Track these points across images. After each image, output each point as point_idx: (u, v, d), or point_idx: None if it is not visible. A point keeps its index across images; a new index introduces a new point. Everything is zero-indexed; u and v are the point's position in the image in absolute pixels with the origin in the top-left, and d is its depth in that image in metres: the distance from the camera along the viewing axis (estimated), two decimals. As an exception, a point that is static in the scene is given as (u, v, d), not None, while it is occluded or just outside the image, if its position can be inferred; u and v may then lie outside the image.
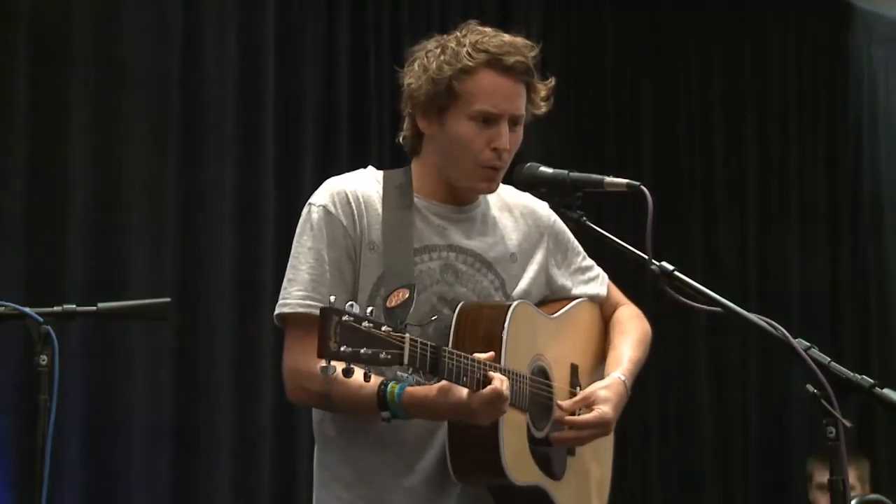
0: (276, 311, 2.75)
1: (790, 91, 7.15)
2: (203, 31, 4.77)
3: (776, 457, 6.72)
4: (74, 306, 2.97)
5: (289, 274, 2.75)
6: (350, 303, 2.35)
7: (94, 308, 3.03)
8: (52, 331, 2.84)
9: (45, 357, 2.83)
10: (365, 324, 2.33)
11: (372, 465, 2.72)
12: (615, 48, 6.42)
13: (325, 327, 2.28)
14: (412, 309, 2.55)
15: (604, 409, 2.77)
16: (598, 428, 2.77)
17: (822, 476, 2.57)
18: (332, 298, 2.37)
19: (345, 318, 2.30)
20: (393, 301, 2.54)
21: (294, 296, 2.71)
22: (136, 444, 4.45)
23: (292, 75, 5.03)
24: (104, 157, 4.49)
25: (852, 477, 5.19)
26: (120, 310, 3.13)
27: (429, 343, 2.45)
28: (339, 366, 2.33)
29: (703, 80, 6.78)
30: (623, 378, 2.87)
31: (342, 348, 2.29)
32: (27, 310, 2.88)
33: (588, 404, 2.78)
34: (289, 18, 5.04)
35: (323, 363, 2.29)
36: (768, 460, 6.72)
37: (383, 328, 2.36)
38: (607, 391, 2.81)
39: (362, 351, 2.32)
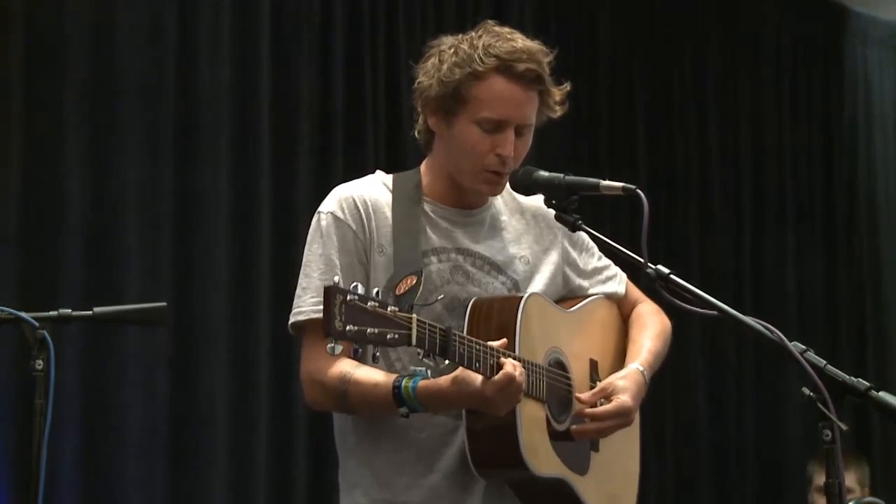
0: (291, 321, 2.75)
1: (785, 93, 7.16)
2: (198, 35, 4.76)
3: (772, 460, 6.72)
4: (70, 311, 2.97)
5: (302, 282, 2.75)
6: (355, 284, 2.34)
7: (90, 312, 3.03)
8: (47, 335, 2.84)
9: (40, 361, 2.83)
10: (370, 303, 2.32)
11: (391, 467, 2.72)
12: (610, 50, 6.42)
13: (330, 306, 2.27)
14: (419, 293, 2.54)
15: (623, 399, 2.76)
16: (619, 418, 2.76)
17: (821, 479, 2.56)
18: (337, 279, 2.37)
19: (349, 297, 2.29)
20: (402, 288, 2.53)
21: (308, 303, 2.71)
22: (132, 448, 4.44)
23: (288, 79, 5.02)
24: (99, 161, 4.49)
25: (851, 480, 5.18)
26: (116, 314, 3.13)
27: (437, 325, 2.45)
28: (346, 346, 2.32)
29: (699, 82, 6.78)
30: (641, 368, 2.87)
31: (348, 328, 2.28)
32: (23, 314, 2.88)
33: (607, 395, 2.78)
34: (284, 22, 5.04)
35: (329, 343, 2.29)
36: (764, 464, 6.72)
37: (389, 308, 2.35)
38: (625, 381, 2.81)
39: (368, 330, 2.31)
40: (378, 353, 2.42)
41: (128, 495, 4.42)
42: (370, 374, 2.63)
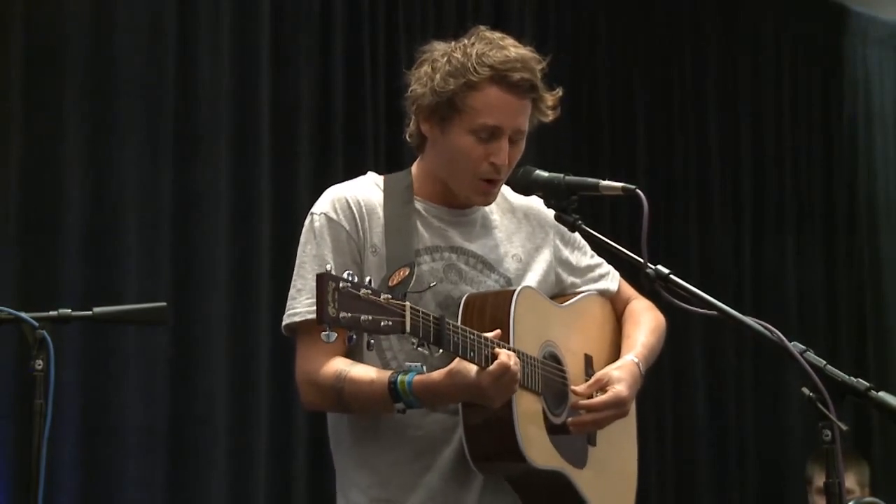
0: (286, 322, 2.74)
1: (785, 93, 7.16)
2: (198, 35, 4.77)
3: (772, 460, 6.72)
4: (70, 311, 2.96)
5: (296, 284, 2.75)
6: (348, 272, 2.34)
7: (90, 312, 3.03)
8: (47, 335, 2.84)
9: (40, 361, 2.83)
10: (363, 290, 2.32)
11: (389, 467, 2.72)
12: (609, 51, 6.42)
13: (322, 293, 2.27)
14: (411, 284, 2.54)
15: (618, 389, 2.77)
16: (615, 408, 2.77)
17: (821, 480, 2.56)
18: (329, 266, 2.37)
19: (342, 284, 2.29)
20: (395, 279, 2.51)
21: (303, 304, 2.70)
22: (132, 448, 4.44)
23: (288, 79, 5.02)
24: (99, 161, 4.49)
25: (851, 481, 5.18)
26: (116, 314, 3.13)
27: (430, 313, 2.46)
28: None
29: (699, 82, 6.78)
30: (636, 360, 2.88)
31: (342, 314, 2.28)
32: (23, 314, 2.88)
33: (602, 387, 2.78)
34: (284, 22, 5.04)
35: (324, 331, 2.28)
36: (764, 464, 6.71)
37: (382, 296, 2.36)
38: (620, 371, 2.82)
39: (363, 317, 2.31)
40: (372, 342, 2.41)
41: (128, 495, 4.42)
42: (365, 372, 2.64)
